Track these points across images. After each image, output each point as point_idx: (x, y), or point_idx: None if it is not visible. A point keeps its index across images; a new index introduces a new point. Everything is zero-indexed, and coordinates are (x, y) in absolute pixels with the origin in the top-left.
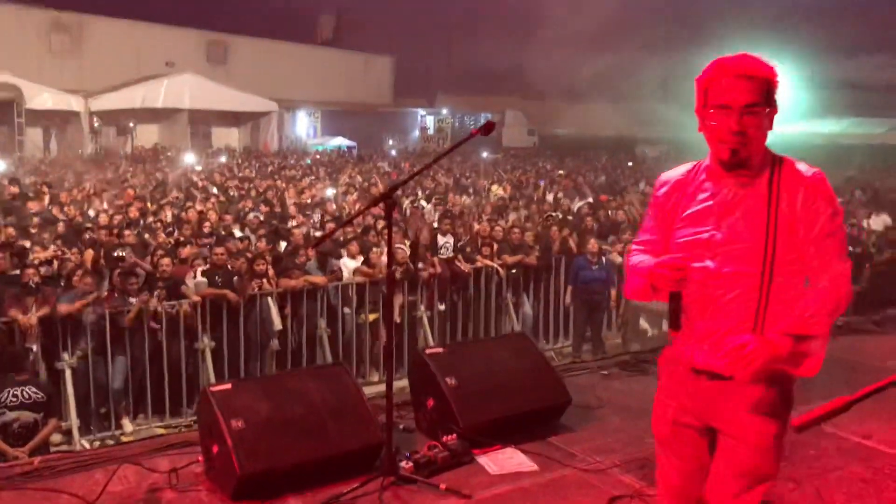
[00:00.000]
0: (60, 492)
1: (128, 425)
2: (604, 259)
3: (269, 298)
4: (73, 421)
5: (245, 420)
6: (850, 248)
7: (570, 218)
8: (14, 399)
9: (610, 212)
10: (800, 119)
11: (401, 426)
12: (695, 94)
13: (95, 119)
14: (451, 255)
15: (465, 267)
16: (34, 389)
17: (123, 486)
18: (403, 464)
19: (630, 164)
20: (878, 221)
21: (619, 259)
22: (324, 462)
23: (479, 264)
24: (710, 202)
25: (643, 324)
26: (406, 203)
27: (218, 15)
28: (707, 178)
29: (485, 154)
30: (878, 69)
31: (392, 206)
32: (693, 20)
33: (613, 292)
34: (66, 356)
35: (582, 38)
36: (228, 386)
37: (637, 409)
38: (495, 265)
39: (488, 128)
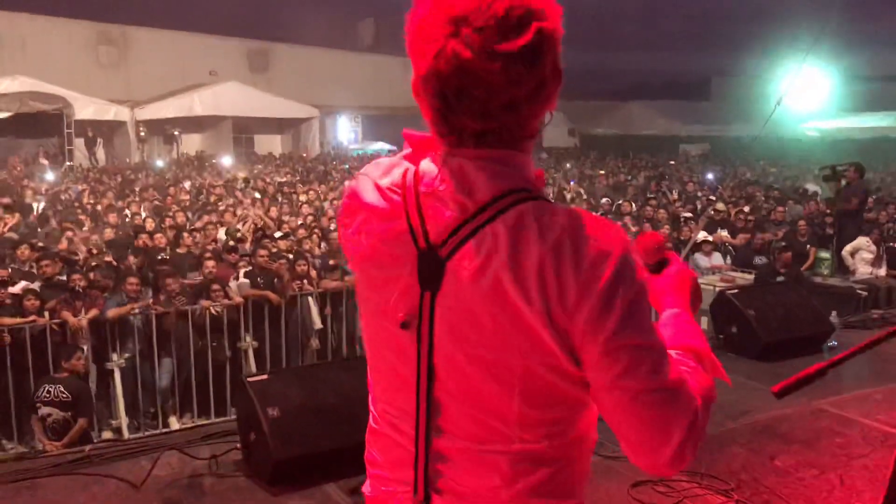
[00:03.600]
0: (109, 476)
1: (174, 423)
2: None
3: (310, 298)
4: (123, 419)
5: (280, 408)
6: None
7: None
8: (47, 395)
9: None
10: (848, 113)
11: None
12: (555, 47)
13: (141, 128)
14: None
15: None
16: (62, 388)
17: (167, 472)
18: None
19: (672, 162)
20: None
21: None
22: (356, 449)
23: None
24: None
25: None
26: None
27: (259, 24)
28: None
29: None
30: None
31: None
32: (731, 17)
33: None
34: (114, 357)
35: (622, 38)
36: (265, 377)
37: None
38: None
39: None
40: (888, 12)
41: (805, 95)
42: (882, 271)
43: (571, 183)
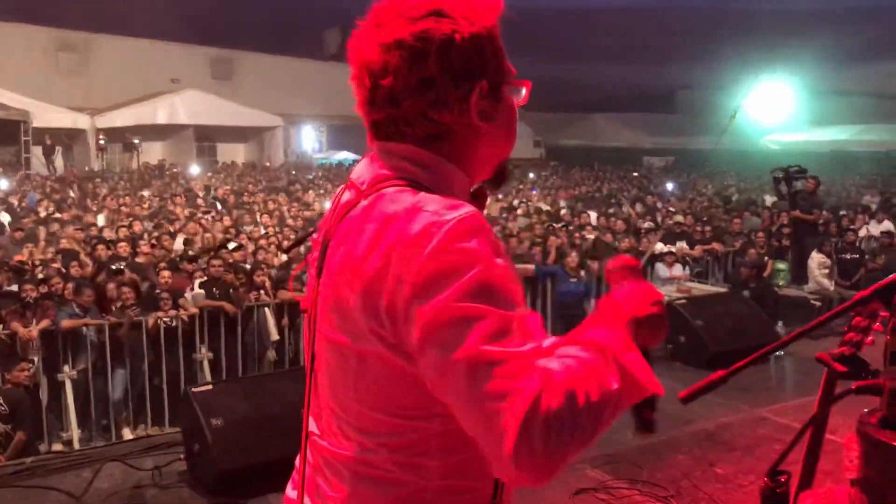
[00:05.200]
0: (50, 488)
1: (128, 435)
2: (582, 273)
3: (267, 309)
4: (74, 431)
5: (224, 419)
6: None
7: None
8: None
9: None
10: (808, 127)
11: None
12: (450, 50)
13: (101, 136)
14: None
15: None
16: (0, 401)
17: (109, 484)
18: None
19: (636, 174)
20: (878, 228)
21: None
22: None
23: None
24: None
25: None
26: None
27: (223, 32)
28: None
29: None
30: (885, 77)
31: None
32: (697, 30)
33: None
34: (66, 368)
35: (589, 50)
36: (209, 387)
37: None
38: None
39: None
40: (849, 29)
41: (766, 108)
42: (833, 282)
43: (533, 192)
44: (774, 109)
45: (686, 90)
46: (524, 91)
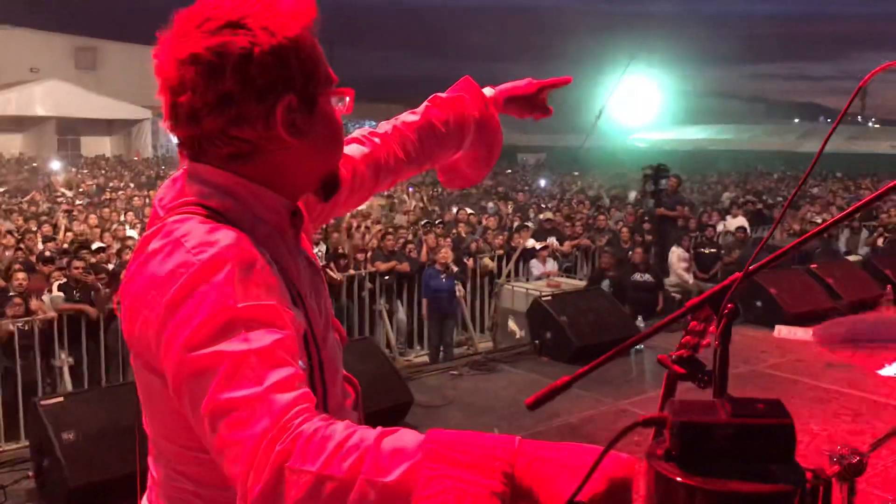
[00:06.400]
0: None
1: None
2: (453, 269)
3: None
4: None
5: (77, 431)
6: (704, 250)
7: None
8: None
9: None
10: (671, 126)
11: None
12: (248, 64)
13: None
14: (324, 263)
15: (336, 276)
16: None
17: None
18: None
19: (509, 171)
20: (733, 223)
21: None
22: None
23: (350, 272)
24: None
25: (511, 325)
26: None
27: (87, 19)
28: (279, 241)
29: None
30: (741, 79)
31: None
32: (563, 30)
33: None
34: None
35: (461, 46)
36: (60, 399)
37: (480, 406)
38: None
39: None
40: (709, 34)
41: (631, 108)
42: (692, 275)
43: (410, 189)
44: (639, 109)
45: (557, 88)
46: (347, 100)
